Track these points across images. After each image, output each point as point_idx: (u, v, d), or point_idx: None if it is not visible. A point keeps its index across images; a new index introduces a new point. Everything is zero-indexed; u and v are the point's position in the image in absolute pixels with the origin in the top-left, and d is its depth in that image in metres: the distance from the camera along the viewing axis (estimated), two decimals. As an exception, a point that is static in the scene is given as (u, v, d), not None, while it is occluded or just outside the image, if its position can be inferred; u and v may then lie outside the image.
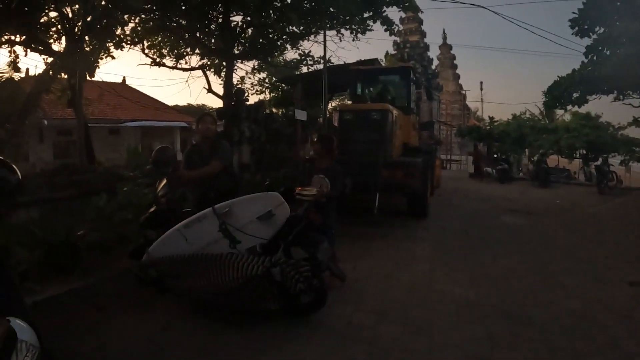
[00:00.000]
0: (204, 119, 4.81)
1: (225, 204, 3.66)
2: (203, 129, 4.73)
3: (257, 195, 3.92)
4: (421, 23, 34.25)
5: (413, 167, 8.18)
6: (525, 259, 6.34)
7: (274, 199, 3.78)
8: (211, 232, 3.59)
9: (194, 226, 3.54)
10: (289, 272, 3.49)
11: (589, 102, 15.16)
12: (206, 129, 4.73)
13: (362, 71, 10.97)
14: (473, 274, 5.53)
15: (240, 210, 3.66)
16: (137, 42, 12.52)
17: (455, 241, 7.35)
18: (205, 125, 4.74)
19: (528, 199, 13.40)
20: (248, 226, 3.65)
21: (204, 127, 4.73)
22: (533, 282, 5.26)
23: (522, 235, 8.03)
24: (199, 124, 4.80)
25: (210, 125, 4.78)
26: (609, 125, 23.86)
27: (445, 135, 32.03)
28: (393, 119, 8.57)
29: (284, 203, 3.81)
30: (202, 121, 4.78)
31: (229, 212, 3.61)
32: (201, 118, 4.85)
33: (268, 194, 3.90)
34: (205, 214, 3.60)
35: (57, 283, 4.37)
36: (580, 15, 13.40)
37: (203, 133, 4.74)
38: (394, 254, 6.38)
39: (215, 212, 3.59)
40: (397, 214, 9.08)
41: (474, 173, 21.08)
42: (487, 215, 10.08)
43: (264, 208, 3.67)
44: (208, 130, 4.74)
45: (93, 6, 9.03)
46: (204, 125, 4.73)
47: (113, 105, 22.05)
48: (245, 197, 3.84)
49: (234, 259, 3.44)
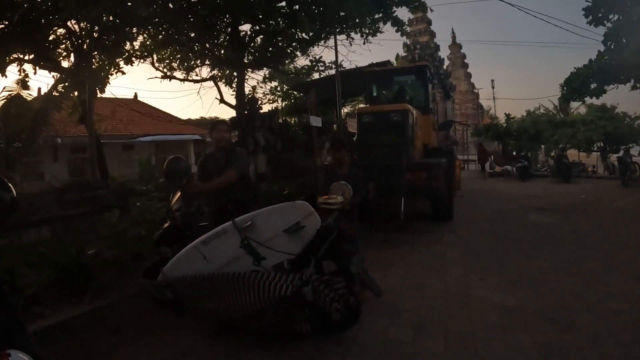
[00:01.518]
0: (218, 127, 4.47)
1: (247, 216, 3.30)
2: (217, 137, 4.39)
3: (283, 205, 3.55)
4: (430, 23, 34.02)
5: (437, 169, 7.82)
6: (559, 258, 6.00)
7: (302, 209, 3.39)
8: (232, 249, 3.23)
9: (212, 242, 3.20)
10: (323, 291, 3.15)
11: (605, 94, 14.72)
12: (220, 138, 4.39)
13: (377, 73, 10.65)
14: (509, 277, 5.19)
15: (265, 223, 3.30)
16: (146, 56, 12.43)
17: (485, 244, 6.99)
18: (219, 133, 4.40)
19: (552, 195, 13.02)
20: (274, 240, 3.27)
21: (219, 136, 4.39)
22: (572, 283, 4.93)
23: (553, 234, 7.67)
24: (213, 132, 4.46)
25: (224, 133, 4.44)
26: (626, 116, 23.21)
27: (461, 135, 31.57)
28: (414, 119, 8.27)
29: (313, 213, 3.39)
30: (216, 129, 4.43)
31: (251, 226, 3.24)
32: (215, 126, 4.51)
33: (296, 203, 3.52)
34: (225, 229, 3.25)
35: (69, 306, 4.13)
36: (594, 3, 13.02)
37: (217, 142, 4.41)
38: (423, 260, 6.07)
39: (235, 226, 3.22)
40: (420, 218, 8.77)
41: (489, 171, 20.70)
42: (514, 215, 9.71)
43: (292, 219, 3.27)
44: (222, 138, 4.40)
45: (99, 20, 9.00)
46: (218, 134, 4.39)
47: (126, 121, 22.16)
48: (269, 208, 3.45)
49: (259, 279, 3.07)
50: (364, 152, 8.21)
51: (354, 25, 11.89)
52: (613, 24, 13.13)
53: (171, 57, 13.65)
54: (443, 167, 8.01)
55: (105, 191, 7.13)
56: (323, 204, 4.08)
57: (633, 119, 22.88)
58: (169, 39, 11.95)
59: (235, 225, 3.23)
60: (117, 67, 12.16)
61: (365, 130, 8.28)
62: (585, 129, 22.48)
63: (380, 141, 7.87)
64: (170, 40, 12.00)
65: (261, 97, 19.16)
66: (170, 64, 13.78)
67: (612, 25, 13.17)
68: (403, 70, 12.31)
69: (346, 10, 9.31)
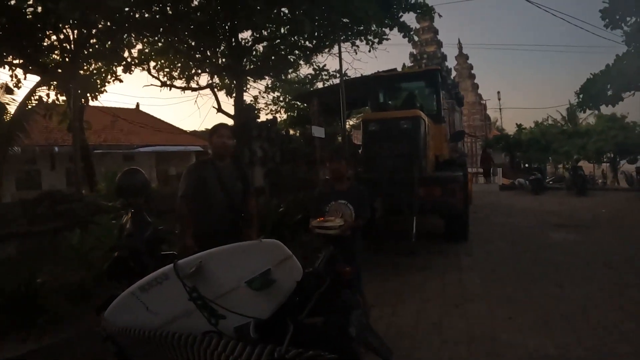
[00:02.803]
0: (220, 131, 3.76)
1: (190, 259, 2.29)
2: (218, 143, 3.70)
3: (245, 245, 2.43)
4: (437, 33, 33.46)
5: (454, 184, 6.98)
6: (594, 286, 5.27)
7: (274, 252, 2.30)
8: (179, 301, 2.31)
9: (153, 290, 2.30)
10: None
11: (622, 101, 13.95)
12: (222, 144, 3.70)
13: (384, 78, 9.79)
14: (541, 313, 4.40)
15: (218, 269, 2.28)
16: (145, 63, 11.97)
17: (507, 269, 6.18)
18: (221, 138, 3.71)
19: (570, 210, 12.27)
20: (231, 296, 2.27)
21: (219, 141, 3.70)
22: (617, 319, 4.19)
23: (581, 255, 6.92)
24: (213, 136, 3.75)
25: (226, 139, 3.74)
26: (636, 125, 22.77)
27: (469, 147, 30.85)
28: (426, 127, 7.45)
29: (290, 258, 2.30)
30: (217, 133, 3.73)
31: (198, 273, 2.25)
32: (216, 130, 3.79)
33: (264, 243, 2.38)
34: (166, 274, 2.30)
35: (15, 342, 3.53)
36: (612, 5, 12.30)
37: (218, 148, 3.71)
38: (439, 291, 5.24)
39: (177, 272, 2.25)
40: (431, 237, 8.00)
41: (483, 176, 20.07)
42: (533, 233, 8.92)
43: (258, 266, 2.23)
44: (224, 145, 3.71)
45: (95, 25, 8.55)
46: (220, 139, 3.70)
47: (126, 131, 22.00)
48: (225, 247, 2.37)
49: (212, 348, 2.14)
50: (370, 165, 7.33)
51: (359, 32, 11.35)
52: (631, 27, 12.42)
53: (171, 66, 13.15)
54: (460, 181, 7.19)
55: (79, 205, 6.40)
56: (318, 228, 3.28)
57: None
58: (168, 46, 11.53)
59: (177, 272, 2.27)
60: (114, 75, 11.75)
61: (371, 140, 7.42)
62: (595, 139, 22.01)
63: (389, 152, 7.00)
64: (169, 47, 11.57)
65: (263, 108, 18.59)
66: (170, 73, 13.27)
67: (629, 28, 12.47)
68: (412, 75, 11.54)
69: (351, 10, 8.65)
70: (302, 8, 8.75)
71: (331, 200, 3.61)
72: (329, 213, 3.51)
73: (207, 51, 12.05)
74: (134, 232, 2.78)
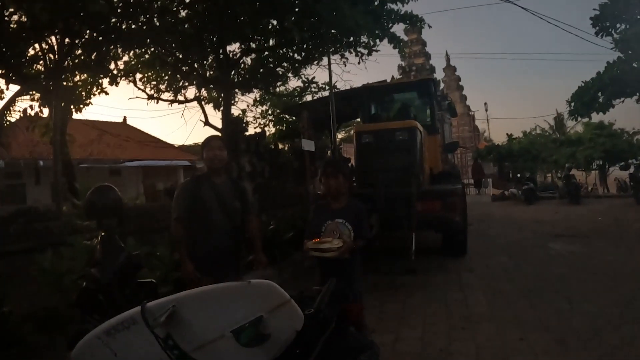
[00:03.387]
0: (210, 143, 3.47)
1: (162, 302, 1.82)
2: (210, 155, 3.40)
3: (227, 287, 1.89)
4: (425, 45, 33.57)
5: (454, 197, 6.64)
6: (605, 300, 5.00)
7: (266, 297, 1.80)
8: (151, 349, 1.83)
9: (120, 335, 1.85)
10: None
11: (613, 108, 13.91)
12: (214, 156, 3.39)
13: (375, 89, 9.54)
14: (554, 333, 4.10)
15: (197, 314, 1.79)
16: (130, 75, 11.72)
17: (511, 284, 5.88)
18: (212, 151, 3.40)
19: (566, 219, 12.12)
20: (215, 347, 1.80)
21: (211, 154, 3.39)
22: (634, 334, 3.96)
23: (584, 267, 6.71)
24: (205, 149, 3.46)
25: (219, 151, 3.42)
26: (624, 132, 23.26)
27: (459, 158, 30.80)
28: (422, 138, 7.18)
29: (288, 303, 1.79)
30: (208, 146, 3.44)
31: (173, 318, 1.77)
32: (207, 143, 3.51)
33: (252, 285, 1.85)
34: (134, 318, 1.83)
35: None
36: (603, 12, 12.25)
37: (211, 161, 3.41)
38: (443, 312, 4.89)
39: (144, 318, 1.77)
40: (428, 252, 7.65)
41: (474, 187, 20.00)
42: (532, 245, 8.69)
43: (246, 313, 1.74)
44: (216, 157, 3.40)
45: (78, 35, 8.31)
46: (211, 152, 3.40)
47: (113, 145, 21.52)
48: (203, 290, 1.89)
49: None
50: (364, 179, 7.05)
51: (348, 44, 11.16)
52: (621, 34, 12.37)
53: (158, 78, 12.83)
54: (460, 194, 6.90)
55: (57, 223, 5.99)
56: (314, 250, 2.94)
57: (632, 134, 22.66)
58: (155, 57, 11.24)
59: (145, 318, 1.79)
60: (99, 87, 11.47)
61: (365, 152, 7.15)
62: (584, 147, 22.15)
63: (384, 165, 6.68)
64: (155, 59, 11.29)
65: (252, 121, 18.27)
66: (158, 85, 12.94)
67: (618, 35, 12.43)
68: (404, 85, 11.29)
69: (341, 20, 8.42)
70: (291, 19, 8.52)
71: (327, 219, 3.21)
72: (324, 233, 3.13)
73: (194, 63, 11.79)
74: (103, 260, 2.42)
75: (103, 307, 2.31)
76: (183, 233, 3.23)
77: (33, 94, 10.58)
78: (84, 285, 2.48)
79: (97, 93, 11.72)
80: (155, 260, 4.61)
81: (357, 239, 3.12)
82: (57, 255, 4.22)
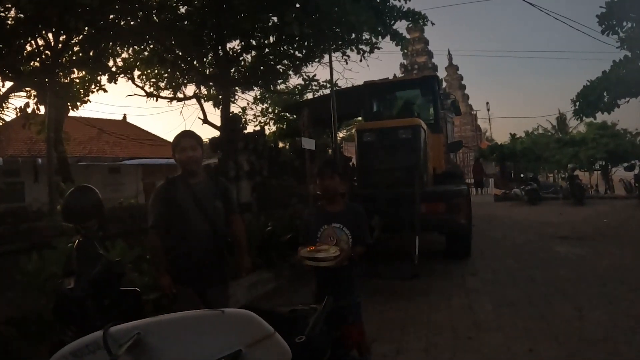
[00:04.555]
0: (180, 144, 3.04)
1: (127, 328, 1.52)
2: (182, 158, 3.02)
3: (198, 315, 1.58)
4: (427, 43, 33.32)
5: (459, 198, 6.41)
6: (616, 307, 4.80)
7: (244, 329, 1.48)
8: None
9: (86, 358, 1.58)
10: None
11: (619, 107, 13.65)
12: (186, 159, 3.01)
13: (378, 86, 9.26)
14: (564, 343, 3.88)
15: (165, 343, 1.50)
16: (129, 72, 11.62)
17: (517, 290, 5.65)
18: (183, 153, 3.01)
19: (571, 221, 11.87)
20: None
21: (183, 157, 3.01)
22: None
23: (591, 271, 6.50)
24: (176, 151, 3.07)
25: (191, 152, 3.02)
26: (627, 133, 23.14)
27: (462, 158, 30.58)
28: (425, 137, 6.95)
29: (271, 337, 1.45)
30: (180, 147, 3.04)
31: (137, 347, 1.50)
32: (176, 144, 3.08)
33: (227, 315, 1.51)
34: (98, 343, 1.55)
35: None
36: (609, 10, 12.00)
37: (184, 164, 3.04)
38: (447, 320, 4.65)
39: (106, 343, 1.49)
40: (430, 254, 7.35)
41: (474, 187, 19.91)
42: (538, 247, 8.46)
43: (223, 345, 1.44)
44: (189, 159, 3.02)
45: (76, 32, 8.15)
46: (183, 154, 3.01)
47: (112, 143, 21.49)
48: (171, 317, 1.57)
49: None
50: (366, 179, 6.83)
51: (350, 41, 10.96)
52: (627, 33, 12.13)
53: (157, 76, 12.66)
54: (465, 196, 6.67)
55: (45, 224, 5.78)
56: (309, 259, 2.68)
57: (634, 135, 22.54)
58: (154, 55, 11.14)
59: (106, 344, 1.51)
60: (98, 84, 11.30)
61: (366, 151, 6.91)
62: (587, 147, 22.06)
63: (386, 164, 6.47)
64: (154, 56, 11.19)
65: (252, 119, 18.11)
66: (157, 83, 12.82)
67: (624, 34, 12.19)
68: (407, 82, 10.98)
69: (343, 16, 8.21)
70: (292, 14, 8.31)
71: (323, 224, 2.95)
72: (320, 239, 2.89)
73: (193, 60, 11.63)
74: (77, 269, 2.19)
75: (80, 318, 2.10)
76: (158, 243, 2.93)
77: (29, 92, 10.43)
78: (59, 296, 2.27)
79: (95, 90, 11.56)
80: (145, 264, 4.38)
81: (356, 246, 2.88)
82: (42, 258, 4.00)
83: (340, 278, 2.78)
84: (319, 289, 2.86)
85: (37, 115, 10.97)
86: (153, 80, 12.83)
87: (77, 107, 11.70)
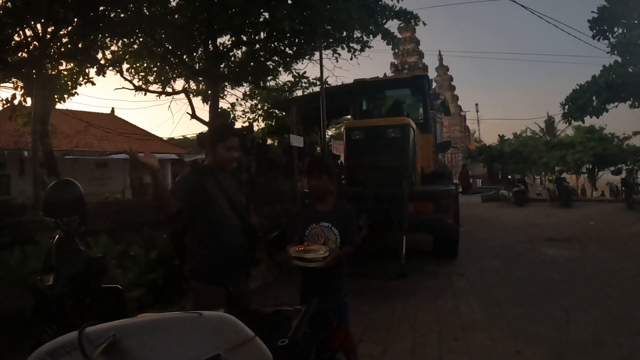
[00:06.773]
0: (230, 142, 2.83)
1: (103, 329, 1.41)
2: (226, 157, 2.84)
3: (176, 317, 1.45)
4: (418, 43, 33.39)
5: (447, 199, 6.37)
6: (603, 309, 4.83)
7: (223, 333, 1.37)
8: None
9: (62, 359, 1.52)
10: None
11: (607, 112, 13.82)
12: (229, 158, 2.87)
13: (367, 84, 9.17)
14: (551, 345, 3.88)
15: (142, 345, 1.41)
16: (117, 65, 11.53)
17: (504, 291, 5.65)
18: (229, 152, 2.83)
19: (558, 223, 12.00)
20: None
21: (228, 156, 2.84)
22: (635, 347, 3.78)
23: (579, 273, 6.53)
24: (219, 145, 2.83)
25: (235, 152, 2.88)
26: (614, 137, 23.45)
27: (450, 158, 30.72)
28: (414, 136, 6.91)
29: (251, 341, 1.33)
30: (226, 144, 2.82)
31: (113, 349, 1.40)
32: (224, 137, 2.84)
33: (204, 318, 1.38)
34: (74, 343, 1.41)
35: None
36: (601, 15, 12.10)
37: (223, 162, 2.86)
38: (434, 321, 4.63)
39: (81, 345, 1.38)
40: (416, 254, 7.38)
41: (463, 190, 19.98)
42: (525, 249, 8.49)
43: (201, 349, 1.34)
44: (232, 160, 2.90)
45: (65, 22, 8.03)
46: (228, 153, 2.83)
47: (100, 137, 21.23)
48: (148, 319, 1.48)
49: None
50: (354, 177, 6.78)
51: (341, 39, 10.91)
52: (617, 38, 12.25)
53: (147, 70, 12.51)
54: (453, 196, 6.65)
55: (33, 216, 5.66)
56: (298, 259, 2.61)
57: (622, 139, 22.84)
58: (143, 48, 11.05)
59: (81, 345, 1.40)
60: (86, 77, 11.16)
61: (355, 149, 6.85)
62: (575, 150, 22.22)
63: (375, 163, 6.41)
64: (144, 49, 11.09)
65: (241, 116, 18.00)
66: (146, 76, 12.67)
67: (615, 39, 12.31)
68: (397, 81, 10.92)
69: (335, 13, 8.15)
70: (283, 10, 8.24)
71: (311, 223, 2.87)
72: (308, 238, 2.82)
73: (183, 55, 11.52)
74: (56, 267, 2.11)
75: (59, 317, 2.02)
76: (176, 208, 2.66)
77: (16, 83, 10.27)
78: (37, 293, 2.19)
79: (83, 83, 11.44)
80: (128, 260, 4.30)
81: (344, 246, 2.82)
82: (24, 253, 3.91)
83: (328, 278, 2.73)
84: (306, 289, 2.81)
85: (23, 107, 10.81)
86: (142, 73, 12.71)
87: (65, 100, 11.58)
